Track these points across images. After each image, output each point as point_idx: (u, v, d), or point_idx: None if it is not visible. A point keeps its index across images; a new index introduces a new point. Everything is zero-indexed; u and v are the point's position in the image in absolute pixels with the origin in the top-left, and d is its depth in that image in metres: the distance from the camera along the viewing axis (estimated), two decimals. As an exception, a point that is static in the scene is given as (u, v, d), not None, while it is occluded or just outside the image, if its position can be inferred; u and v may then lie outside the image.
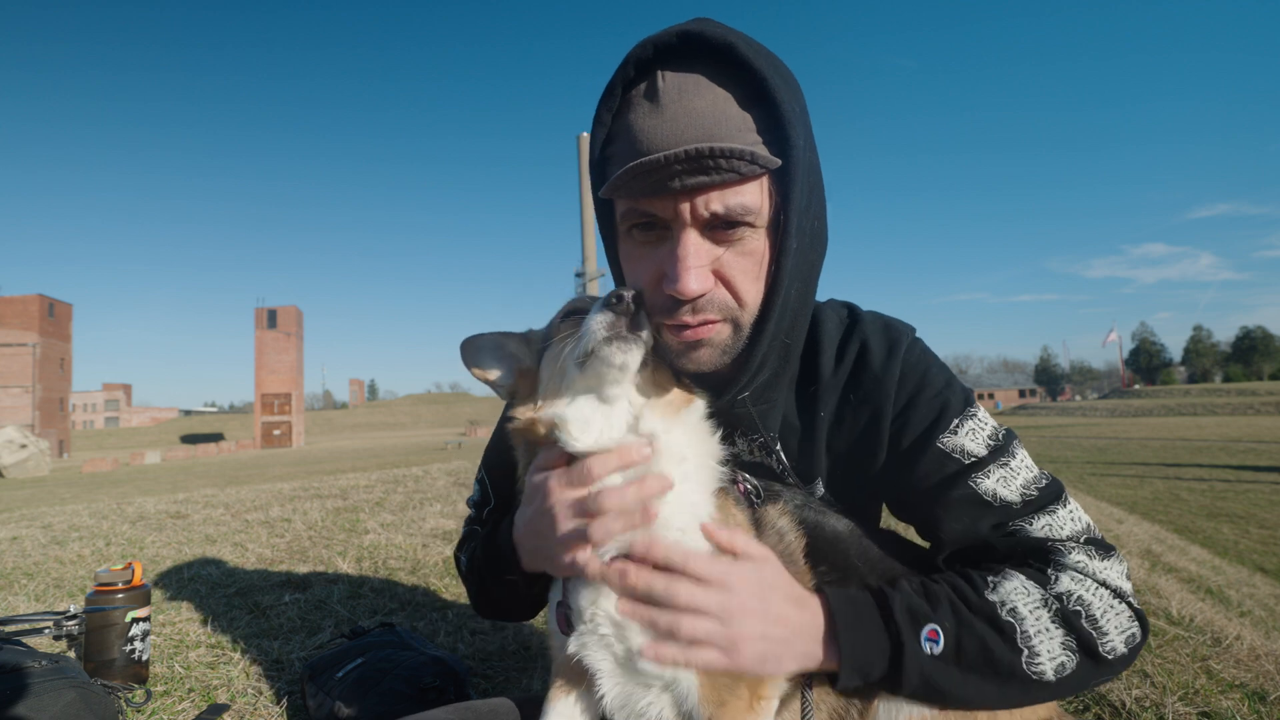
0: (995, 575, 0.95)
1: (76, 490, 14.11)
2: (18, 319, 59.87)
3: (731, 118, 0.88)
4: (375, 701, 1.55)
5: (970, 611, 0.90)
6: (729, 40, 0.87)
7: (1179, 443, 19.34)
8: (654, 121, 0.88)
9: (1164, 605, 2.51)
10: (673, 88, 0.88)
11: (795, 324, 1.04)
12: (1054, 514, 0.99)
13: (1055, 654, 0.90)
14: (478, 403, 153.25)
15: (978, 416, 1.06)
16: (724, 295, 0.95)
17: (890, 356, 1.08)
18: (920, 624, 0.89)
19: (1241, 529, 7.41)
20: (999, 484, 1.00)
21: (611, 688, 0.92)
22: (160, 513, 5.25)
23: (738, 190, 0.89)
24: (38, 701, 1.37)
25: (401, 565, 3.30)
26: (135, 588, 1.90)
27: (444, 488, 6.01)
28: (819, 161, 1.00)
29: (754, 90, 0.88)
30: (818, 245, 1.02)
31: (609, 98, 0.93)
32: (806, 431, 1.13)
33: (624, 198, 0.94)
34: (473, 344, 1.08)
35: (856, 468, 1.12)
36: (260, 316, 71.31)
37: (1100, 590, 0.94)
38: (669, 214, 0.91)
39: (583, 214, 12.66)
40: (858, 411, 1.09)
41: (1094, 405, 63.18)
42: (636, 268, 0.98)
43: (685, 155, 0.84)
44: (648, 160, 0.85)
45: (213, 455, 49.43)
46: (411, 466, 8.50)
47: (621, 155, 0.92)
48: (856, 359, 1.10)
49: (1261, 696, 1.70)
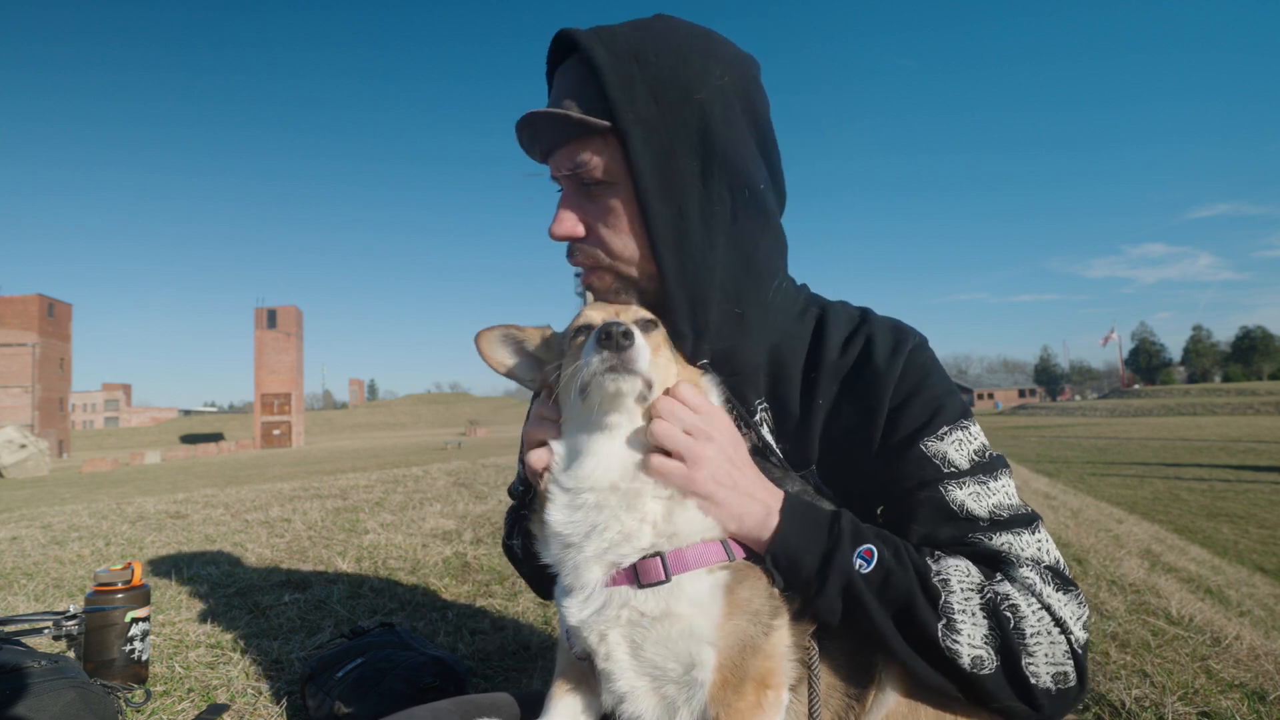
0: (944, 555, 0.96)
1: (76, 490, 14.12)
2: (17, 319, 59.87)
3: (571, 92, 1.04)
4: (375, 701, 1.55)
5: (908, 558, 0.93)
6: (575, 38, 1.03)
7: (1179, 443, 19.35)
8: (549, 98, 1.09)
9: (1164, 605, 2.51)
10: (561, 73, 1.08)
11: (744, 294, 1.07)
12: (1018, 535, 0.98)
13: (975, 643, 0.88)
14: (478, 403, 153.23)
15: (969, 430, 1.05)
16: (591, 245, 1.08)
17: (895, 354, 1.09)
18: (859, 541, 0.93)
19: (1241, 529, 7.41)
20: (970, 498, 0.99)
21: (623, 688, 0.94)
22: (160, 513, 5.24)
23: (576, 148, 1.04)
24: (37, 701, 1.37)
25: (401, 565, 3.30)
26: (135, 588, 1.90)
27: (444, 488, 6.00)
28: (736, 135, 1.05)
29: (590, 70, 1.02)
30: (747, 215, 1.06)
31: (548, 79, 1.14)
32: (804, 416, 1.13)
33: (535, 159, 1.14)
34: (488, 335, 1.11)
35: (848, 459, 1.11)
36: (260, 316, 71.31)
37: (1042, 613, 0.91)
38: (552, 172, 1.10)
39: (582, 214, 12.65)
40: (856, 404, 1.09)
41: (1094, 405, 63.19)
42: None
43: (526, 120, 1.04)
44: (518, 121, 1.06)
45: (212, 455, 49.43)
46: (411, 466, 8.50)
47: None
48: (861, 352, 1.11)
49: (1261, 696, 1.70)
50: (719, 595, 0.90)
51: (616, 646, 0.93)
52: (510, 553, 1.38)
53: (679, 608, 0.89)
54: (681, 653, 0.90)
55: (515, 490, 1.38)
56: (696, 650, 0.89)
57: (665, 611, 0.90)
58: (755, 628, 0.90)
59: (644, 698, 0.94)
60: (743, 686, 0.88)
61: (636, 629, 0.91)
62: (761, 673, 0.89)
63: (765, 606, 0.91)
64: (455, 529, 4.14)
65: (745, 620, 0.90)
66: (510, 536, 1.37)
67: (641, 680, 0.93)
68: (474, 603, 2.73)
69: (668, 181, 1.02)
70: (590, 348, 0.89)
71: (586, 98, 1.02)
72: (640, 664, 0.93)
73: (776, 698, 0.90)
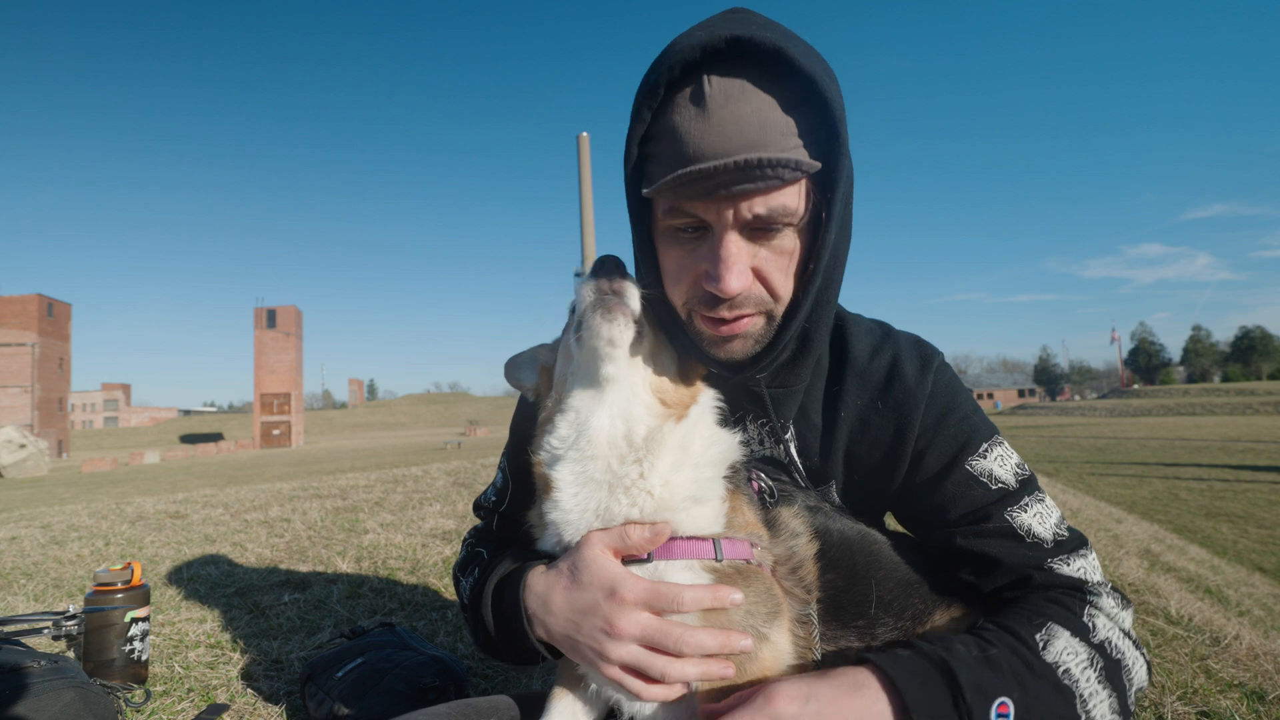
0: (1041, 630, 0.92)
1: (75, 490, 14.11)
2: (17, 319, 59.81)
3: (775, 123, 0.89)
4: (375, 701, 1.55)
5: (1033, 678, 0.87)
6: (778, 45, 0.87)
7: (1178, 442, 19.36)
8: (700, 127, 0.89)
9: (1163, 605, 2.51)
10: (719, 93, 0.88)
11: (816, 311, 1.06)
12: (1085, 558, 1.02)
13: (1105, 715, 0.89)
14: (477, 403, 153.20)
15: (1004, 445, 1.09)
16: (760, 291, 0.98)
17: (923, 371, 1.11)
18: (990, 699, 0.83)
19: (1240, 528, 7.42)
20: (1034, 521, 1.02)
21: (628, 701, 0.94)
22: (159, 513, 5.24)
23: (779, 194, 0.91)
24: (37, 701, 1.37)
25: (401, 565, 3.30)
26: (134, 588, 1.90)
27: (444, 488, 6.00)
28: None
29: (798, 93, 0.89)
30: (845, 235, 1.04)
31: (650, 95, 0.92)
32: (828, 429, 1.14)
33: (669, 199, 0.96)
34: (514, 361, 1.16)
35: (874, 474, 1.13)
36: (259, 316, 71.29)
37: (1126, 641, 0.95)
38: (712, 216, 0.94)
39: (582, 213, 12.64)
40: (884, 419, 1.11)
41: (1093, 405, 63.21)
42: (677, 264, 1.00)
43: (734, 166, 0.86)
44: (698, 169, 0.87)
45: (212, 455, 49.39)
46: (411, 466, 8.50)
47: (665, 157, 0.93)
48: (890, 368, 1.13)
49: (1260, 696, 1.70)
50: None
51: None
52: (457, 585, 1.26)
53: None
54: None
55: (487, 499, 1.34)
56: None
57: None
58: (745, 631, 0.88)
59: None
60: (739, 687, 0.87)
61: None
62: (758, 676, 0.88)
63: (758, 610, 0.90)
64: (455, 529, 4.14)
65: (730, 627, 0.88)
66: (462, 570, 1.26)
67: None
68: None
69: (845, 214, 0.99)
70: (584, 282, 0.92)
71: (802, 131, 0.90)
72: None
73: None
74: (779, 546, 0.99)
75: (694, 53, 0.88)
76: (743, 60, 0.89)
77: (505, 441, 1.35)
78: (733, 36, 0.87)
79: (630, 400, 0.96)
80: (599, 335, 0.90)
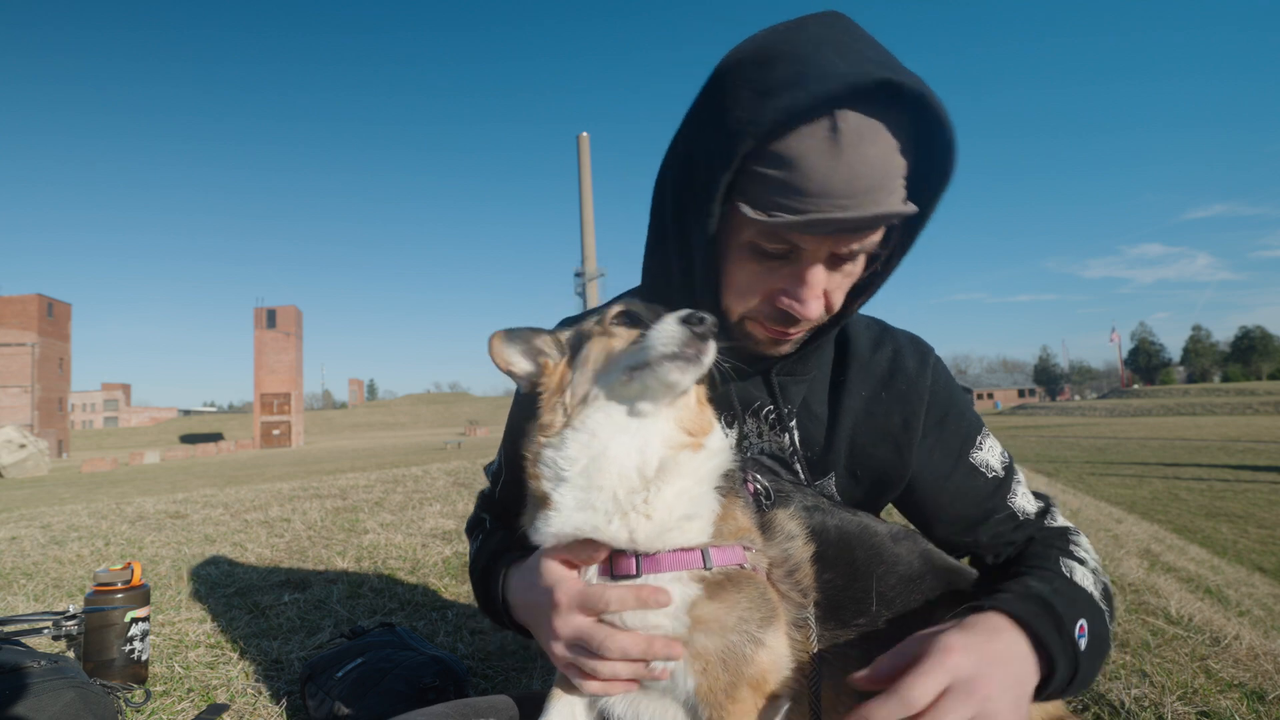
0: (1063, 566, 1.06)
1: (75, 490, 14.10)
2: (17, 319, 59.83)
3: (895, 167, 0.90)
4: (375, 701, 1.55)
5: (1085, 602, 0.99)
6: (921, 92, 0.87)
7: (1178, 442, 19.35)
8: (828, 164, 0.87)
9: (1163, 605, 2.51)
10: (853, 132, 0.87)
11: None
12: (1056, 511, 1.21)
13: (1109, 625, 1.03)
14: (477, 403, 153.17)
15: (990, 434, 1.22)
16: (822, 308, 1.03)
17: (923, 366, 1.19)
18: (1075, 622, 0.94)
19: (1240, 528, 7.42)
20: (1025, 502, 1.19)
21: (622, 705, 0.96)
22: (159, 513, 5.24)
23: (875, 234, 0.97)
24: (37, 702, 1.37)
25: (401, 565, 3.30)
26: (134, 588, 1.90)
27: (443, 488, 6.00)
28: None
29: (913, 138, 0.91)
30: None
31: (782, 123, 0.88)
32: (832, 420, 1.18)
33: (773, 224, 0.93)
34: (507, 337, 1.07)
35: (878, 466, 1.18)
36: (259, 316, 71.30)
37: (1100, 565, 1.12)
38: (810, 246, 0.95)
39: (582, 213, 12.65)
40: (889, 410, 1.17)
41: (1093, 405, 63.20)
42: (751, 279, 1.02)
43: (869, 220, 0.89)
44: (841, 219, 0.88)
45: (212, 455, 49.40)
46: (411, 466, 8.50)
47: (781, 185, 0.90)
48: (892, 360, 1.19)
49: (1260, 696, 1.70)
50: (683, 609, 0.89)
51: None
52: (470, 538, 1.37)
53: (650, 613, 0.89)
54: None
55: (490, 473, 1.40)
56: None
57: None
58: (738, 640, 0.88)
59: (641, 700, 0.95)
60: (737, 692, 0.87)
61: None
62: (756, 681, 0.88)
63: (752, 617, 0.89)
64: (455, 529, 4.14)
65: (721, 636, 0.88)
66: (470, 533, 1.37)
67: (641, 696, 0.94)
68: (474, 603, 2.72)
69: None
70: (671, 327, 0.87)
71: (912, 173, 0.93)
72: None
73: (773, 705, 0.89)
74: (774, 549, 0.98)
75: (840, 89, 0.85)
76: (880, 100, 0.87)
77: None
78: (884, 80, 0.85)
79: (655, 434, 0.94)
80: (664, 381, 0.88)
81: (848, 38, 0.92)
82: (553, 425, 0.97)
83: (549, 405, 1.00)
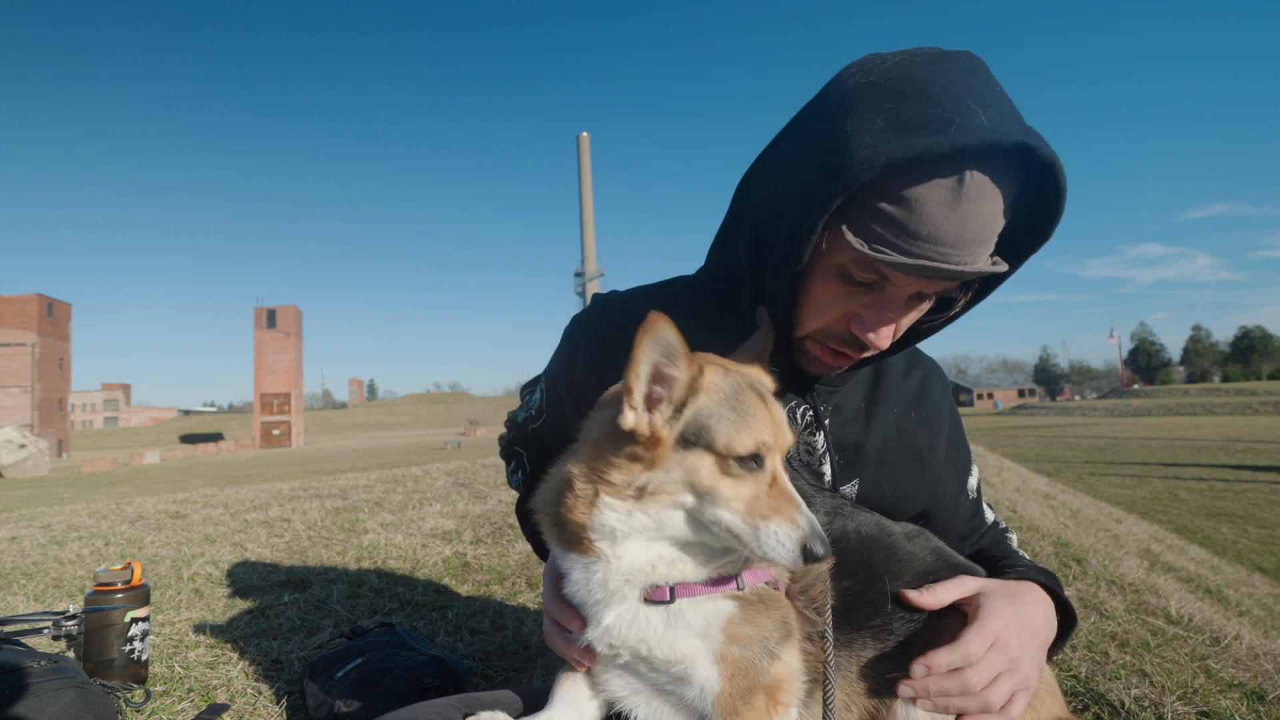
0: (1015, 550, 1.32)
1: (75, 490, 14.11)
2: (17, 319, 59.83)
3: (997, 224, 0.94)
4: (375, 701, 1.55)
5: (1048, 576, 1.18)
6: (1051, 161, 0.88)
7: (1178, 442, 19.36)
8: (945, 214, 0.89)
9: (1163, 605, 2.51)
10: (974, 189, 0.88)
11: None
12: (1002, 521, 1.41)
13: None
14: (477, 403, 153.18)
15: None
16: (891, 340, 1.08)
17: (945, 392, 1.34)
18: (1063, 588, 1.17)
19: (1240, 528, 7.42)
20: (988, 509, 1.39)
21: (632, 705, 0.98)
22: (159, 513, 5.24)
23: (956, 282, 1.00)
24: (37, 702, 1.37)
25: (401, 565, 3.30)
26: (134, 588, 1.90)
27: (444, 488, 6.00)
28: None
29: (1014, 198, 0.94)
30: None
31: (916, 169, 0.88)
32: (865, 429, 1.25)
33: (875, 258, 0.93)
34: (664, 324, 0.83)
35: (900, 479, 1.25)
36: (259, 316, 71.30)
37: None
38: (900, 281, 0.98)
39: (582, 213, 12.66)
40: (917, 430, 1.27)
41: (1093, 405, 63.16)
42: (832, 300, 1.04)
43: (968, 274, 0.92)
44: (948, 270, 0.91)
45: (212, 455, 49.41)
46: (411, 466, 8.50)
47: (897, 223, 0.90)
48: (922, 384, 1.31)
49: (1260, 696, 1.70)
50: (718, 625, 0.91)
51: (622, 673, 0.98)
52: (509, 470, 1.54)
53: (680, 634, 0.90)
54: (682, 674, 0.91)
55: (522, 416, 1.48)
56: (694, 671, 0.90)
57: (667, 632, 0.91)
58: (759, 653, 0.92)
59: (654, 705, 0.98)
60: (752, 699, 0.91)
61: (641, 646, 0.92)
62: (770, 688, 0.91)
63: (773, 634, 0.93)
64: (455, 529, 4.14)
65: (747, 648, 0.91)
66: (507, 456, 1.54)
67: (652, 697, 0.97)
68: (474, 602, 2.73)
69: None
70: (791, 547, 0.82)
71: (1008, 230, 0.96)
72: (642, 680, 0.97)
73: (785, 713, 0.92)
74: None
75: (980, 145, 0.85)
76: (1008, 159, 0.89)
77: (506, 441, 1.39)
78: (1021, 144, 0.86)
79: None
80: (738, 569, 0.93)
81: (987, 91, 0.91)
82: (624, 487, 0.88)
83: (628, 463, 0.88)
